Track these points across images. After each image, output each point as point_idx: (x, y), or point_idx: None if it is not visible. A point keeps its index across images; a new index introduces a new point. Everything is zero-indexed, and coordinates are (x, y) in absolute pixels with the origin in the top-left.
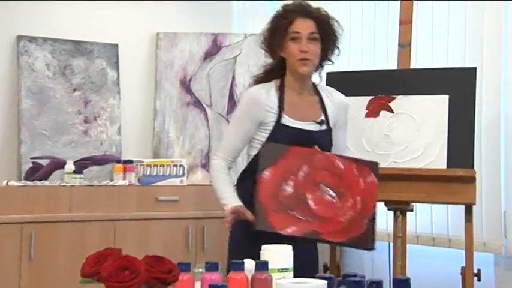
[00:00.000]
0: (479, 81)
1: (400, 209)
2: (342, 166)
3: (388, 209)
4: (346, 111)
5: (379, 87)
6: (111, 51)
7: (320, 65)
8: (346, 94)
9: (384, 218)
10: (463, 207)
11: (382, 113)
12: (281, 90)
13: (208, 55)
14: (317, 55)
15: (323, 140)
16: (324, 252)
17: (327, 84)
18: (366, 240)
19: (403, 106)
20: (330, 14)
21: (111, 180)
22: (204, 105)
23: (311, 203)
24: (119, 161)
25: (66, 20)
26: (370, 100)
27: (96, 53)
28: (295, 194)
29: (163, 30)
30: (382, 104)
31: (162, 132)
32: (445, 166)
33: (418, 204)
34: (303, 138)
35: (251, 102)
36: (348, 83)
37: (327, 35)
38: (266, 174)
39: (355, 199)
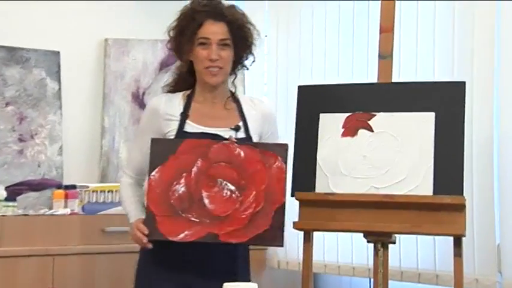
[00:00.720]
0: (469, 97)
1: (381, 241)
2: (242, 155)
3: (368, 241)
4: (275, 121)
5: (357, 103)
6: (52, 60)
7: (234, 72)
8: (321, 110)
9: (364, 251)
10: (451, 239)
11: (361, 131)
12: (189, 98)
13: (165, 65)
14: (229, 62)
15: None
16: (296, 285)
17: (298, 99)
18: (273, 236)
19: (384, 124)
20: (246, 13)
21: (50, 208)
22: None
23: (207, 201)
24: (59, 186)
25: None
26: (347, 117)
27: (34, 61)
28: (188, 193)
29: (113, 35)
30: (361, 122)
31: (110, 153)
32: (431, 192)
33: (402, 236)
34: None
35: (150, 113)
36: (322, 98)
37: (240, 40)
38: (154, 175)
39: (258, 191)
